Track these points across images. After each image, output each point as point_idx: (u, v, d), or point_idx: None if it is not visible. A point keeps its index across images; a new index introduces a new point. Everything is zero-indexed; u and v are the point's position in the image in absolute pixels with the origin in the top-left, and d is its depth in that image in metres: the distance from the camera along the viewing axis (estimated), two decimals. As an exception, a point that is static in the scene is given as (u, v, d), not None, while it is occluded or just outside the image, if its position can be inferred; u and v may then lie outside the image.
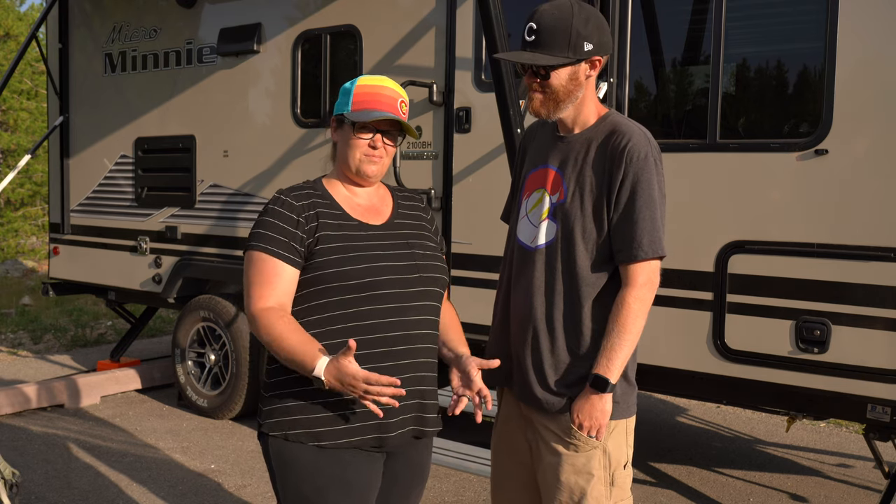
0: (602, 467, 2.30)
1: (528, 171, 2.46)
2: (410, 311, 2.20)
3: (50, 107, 7.21)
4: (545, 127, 2.47)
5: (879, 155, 3.58)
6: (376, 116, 2.19)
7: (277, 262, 2.14)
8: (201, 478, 4.78)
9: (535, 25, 2.24)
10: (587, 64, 2.27)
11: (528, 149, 2.54)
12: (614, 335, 2.22)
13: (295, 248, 2.16)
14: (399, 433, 2.21)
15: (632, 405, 2.36)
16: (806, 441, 5.72)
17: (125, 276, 6.55)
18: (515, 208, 2.50)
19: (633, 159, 2.21)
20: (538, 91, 2.29)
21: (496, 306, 2.54)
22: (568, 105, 2.30)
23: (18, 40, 18.67)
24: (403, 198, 2.41)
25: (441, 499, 4.49)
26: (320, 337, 2.14)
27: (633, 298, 2.21)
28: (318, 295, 2.16)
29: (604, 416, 2.24)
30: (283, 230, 2.16)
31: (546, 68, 2.24)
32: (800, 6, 3.91)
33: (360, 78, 2.29)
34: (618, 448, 2.32)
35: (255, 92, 5.76)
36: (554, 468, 2.32)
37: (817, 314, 3.70)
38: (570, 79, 2.26)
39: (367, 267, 2.16)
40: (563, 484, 2.31)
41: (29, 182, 18.00)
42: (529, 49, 2.25)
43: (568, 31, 2.21)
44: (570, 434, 2.29)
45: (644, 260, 2.21)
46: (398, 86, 2.29)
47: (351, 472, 2.16)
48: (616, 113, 2.37)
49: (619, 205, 2.23)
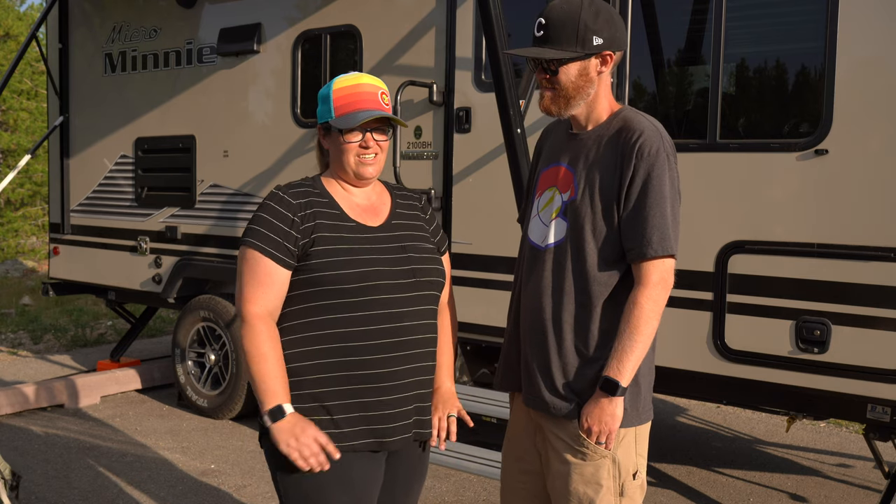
0: (611, 477, 2.24)
1: (541, 170, 2.42)
2: (407, 315, 2.19)
3: (50, 107, 7.21)
4: (560, 125, 2.43)
5: (879, 155, 3.58)
6: (362, 119, 2.15)
7: (270, 263, 2.13)
8: (201, 478, 4.78)
9: (544, 20, 2.20)
10: (598, 59, 2.22)
11: (542, 149, 2.49)
12: (626, 336, 2.15)
13: (288, 248, 2.13)
14: (399, 438, 2.20)
15: (643, 412, 2.27)
16: (806, 441, 5.72)
17: (125, 276, 6.55)
18: (528, 208, 2.45)
19: (643, 154, 2.16)
20: (548, 87, 2.24)
21: (510, 309, 2.47)
22: (579, 102, 2.24)
23: (18, 40, 18.64)
24: (402, 197, 2.39)
25: (441, 499, 4.49)
26: (316, 340, 2.13)
27: (646, 298, 2.15)
28: (313, 297, 2.15)
29: (613, 420, 2.17)
30: (278, 229, 2.14)
31: (554, 63, 2.20)
32: (800, 6, 3.91)
33: (335, 81, 2.23)
34: (627, 457, 2.25)
35: (255, 92, 5.76)
36: (563, 477, 2.27)
37: (817, 314, 3.70)
38: (579, 74, 2.21)
39: (364, 271, 2.14)
40: (572, 493, 2.25)
41: (29, 182, 17.98)
42: (538, 44, 2.21)
43: (576, 25, 2.17)
44: (578, 441, 2.23)
45: (655, 258, 2.15)
46: (375, 78, 2.25)
47: (353, 471, 2.16)
48: (629, 108, 2.31)
49: (629, 201, 2.18)
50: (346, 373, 2.14)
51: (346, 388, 2.14)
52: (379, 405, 2.16)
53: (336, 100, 2.19)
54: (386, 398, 2.16)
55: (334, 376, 2.14)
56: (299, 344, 2.16)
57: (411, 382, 2.21)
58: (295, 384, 2.15)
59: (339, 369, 2.14)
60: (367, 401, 2.15)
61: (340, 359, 2.14)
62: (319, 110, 2.25)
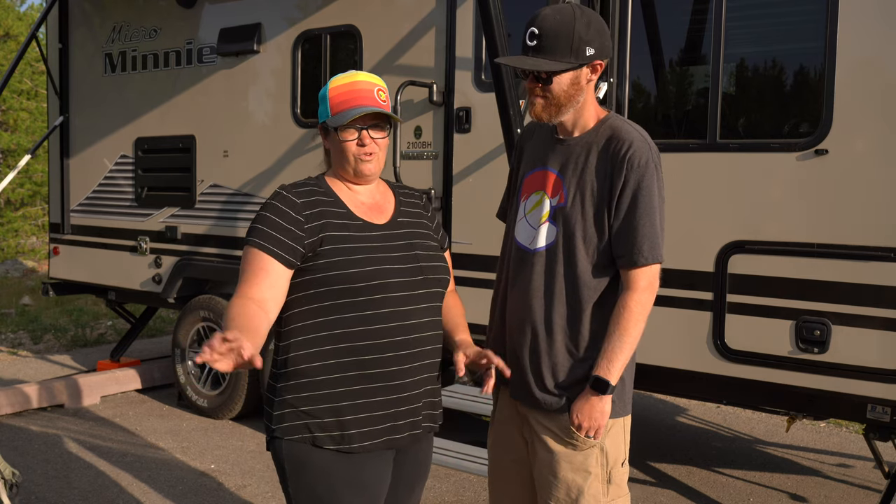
0: (599, 465, 2.32)
1: (526, 173, 2.45)
2: (416, 312, 2.19)
3: (50, 107, 7.21)
4: (543, 128, 2.46)
5: (879, 155, 3.58)
6: (353, 115, 2.14)
7: (268, 259, 2.09)
8: (201, 478, 4.78)
9: (537, 30, 2.22)
10: (588, 68, 2.26)
11: (525, 148, 2.53)
12: (615, 338, 2.24)
13: (292, 246, 2.10)
14: (411, 433, 2.21)
15: (628, 403, 2.38)
16: (806, 441, 5.72)
17: (125, 276, 6.55)
18: (513, 209, 2.49)
19: (633, 165, 2.22)
20: (539, 96, 2.27)
21: (494, 306, 2.54)
22: (570, 109, 2.29)
23: (18, 40, 18.65)
24: (404, 195, 2.39)
25: (441, 499, 4.49)
26: (329, 340, 2.12)
27: (635, 302, 2.24)
28: (323, 297, 2.13)
29: (603, 417, 2.26)
30: (281, 227, 2.11)
31: (549, 73, 2.23)
32: (800, 6, 3.91)
33: (332, 80, 2.23)
34: (615, 446, 2.34)
35: (255, 92, 5.76)
36: (551, 465, 2.34)
37: (817, 314, 3.70)
38: (571, 84, 2.25)
39: (374, 269, 2.14)
40: (561, 481, 2.32)
41: (29, 182, 17.98)
42: (532, 54, 2.23)
43: (570, 37, 2.20)
44: (568, 433, 2.30)
45: (645, 265, 2.23)
46: (372, 76, 2.24)
47: (365, 472, 2.16)
48: (615, 116, 2.36)
49: (619, 211, 2.24)
50: (360, 372, 2.13)
51: (361, 388, 2.13)
52: (393, 403, 2.16)
53: (332, 98, 2.19)
54: (400, 395, 2.17)
55: (348, 376, 2.13)
56: (311, 344, 2.14)
57: (423, 379, 2.22)
58: (309, 385, 2.13)
59: (353, 369, 2.13)
60: (382, 399, 2.15)
61: (354, 358, 2.12)
62: (319, 111, 2.25)
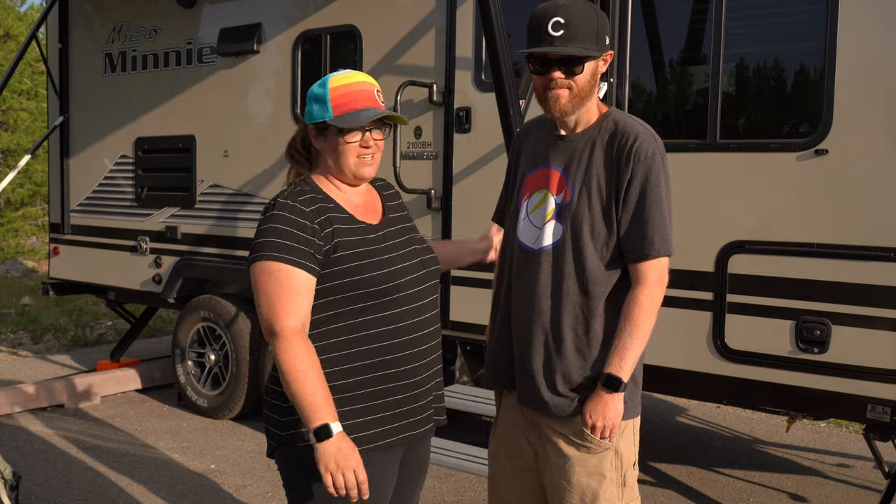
0: (614, 468, 2.27)
1: (527, 172, 2.41)
2: (425, 307, 2.21)
3: (50, 107, 7.21)
4: (541, 126, 2.43)
5: (879, 155, 3.58)
6: (367, 118, 2.11)
7: (299, 273, 2.04)
8: (201, 478, 4.78)
9: (563, 20, 2.17)
10: (602, 60, 2.25)
11: (522, 148, 2.49)
12: (626, 334, 2.19)
13: (313, 255, 2.07)
14: (423, 430, 2.23)
15: (638, 405, 2.34)
16: (806, 441, 5.72)
17: (125, 276, 6.55)
18: (513, 209, 2.45)
19: (640, 158, 2.19)
20: (565, 87, 2.21)
21: (494, 310, 2.49)
22: (588, 101, 2.26)
23: (18, 40, 18.64)
24: (381, 188, 2.37)
25: (441, 499, 4.49)
26: (348, 345, 2.11)
27: (645, 297, 2.20)
28: (340, 303, 2.11)
29: (617, 415, 2.21)
30: (298, 237, 2.06)
31: (581, 61, 2.19)
32: (800, 6, 3.91)
33: (330, 79, 2.17)
34: (628, 448, 2.30)
35: (255, 92, 5.76)
36: (564, 470, 2.29)
37: (817, 314, 3.70)
38: (592, 74, 2.23)
39: (390, 271, 2.14)
40: (575, 486, 2.27)
41: (29, 182, 17.97)
42: (558, 44, 2.17)
43: (594, 25, 2.19)
44: (581, 436, 2.25)
45: (656, 257, 2.20)
46: (368, 76, 2.22)
47: (376, 472, 2.15)
48: (617, 110, 2.34)
49: (628, 204, 2.21)
50: (381, 373, 2.13)
51: (382, 388, 2.14)
52: (411, 399, 2.17)
53: (333, 98, 2.14)
54: (416, 391, 2.19)
55: (369, 378, 2.13)
56: (328, 350, 2.12)
57: (434, 372, 2.23)
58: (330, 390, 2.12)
59: (374, 370, 2.13)
60: (401, 397, 2.16)
61: (375, 360, 2.13)
62: (312, 109, 2.18)
